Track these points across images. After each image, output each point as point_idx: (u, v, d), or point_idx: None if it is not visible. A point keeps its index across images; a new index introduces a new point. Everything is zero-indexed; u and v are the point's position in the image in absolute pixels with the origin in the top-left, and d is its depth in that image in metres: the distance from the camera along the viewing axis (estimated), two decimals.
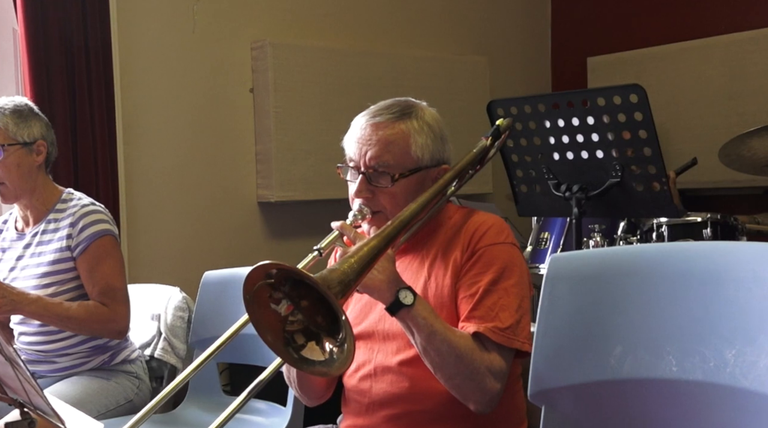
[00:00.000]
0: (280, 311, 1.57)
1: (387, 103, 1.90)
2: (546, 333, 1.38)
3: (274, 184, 3.87)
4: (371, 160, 1.84)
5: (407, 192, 1.85)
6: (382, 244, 1.63)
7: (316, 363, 1.53)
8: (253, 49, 3.90)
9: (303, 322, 1.57)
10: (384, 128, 1.85)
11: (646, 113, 2.42)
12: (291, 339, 1.56)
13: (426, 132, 1.87)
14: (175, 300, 2.75)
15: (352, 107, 3.98)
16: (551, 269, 1.40)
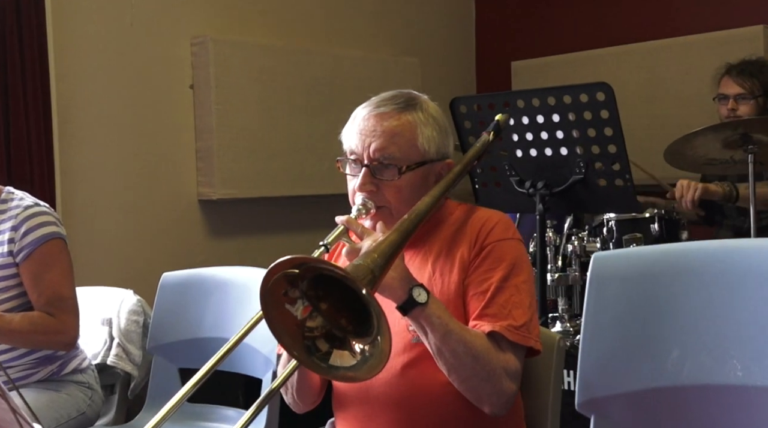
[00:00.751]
0: (296, 314, 1.34)
1: (389, 94, 1.70)
2: (593, 338, 1.20)
3: (216, 182, 3.58)
4: (376, 151, 1.63)
5: (413, 186, 1.65)
6: (402, 239, 1.44)
7: (347, 368, 1.32)
8: (193, 45, 3.59)
9: (324, 327, 1.35)
10: (389, 119, 1.65)
11: (612, 111, 2.29)
12: (313, 347, 1.34)
13: (432, 124, 1.68)
14: (129, 303, 2.45)
15: (293, 105, 3.81)
16: (596, 268, 1.22)
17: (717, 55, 3.43)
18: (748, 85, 3.06)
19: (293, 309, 1.34)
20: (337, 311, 1.37)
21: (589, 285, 1.22)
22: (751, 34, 3.80)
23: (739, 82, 3.08)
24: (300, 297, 1.34)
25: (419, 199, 1.57)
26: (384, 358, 1.26)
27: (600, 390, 1.21)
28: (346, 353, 1.33)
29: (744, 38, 3.80)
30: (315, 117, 3.88)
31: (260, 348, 2.10)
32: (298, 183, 3.82)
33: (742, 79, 3.08)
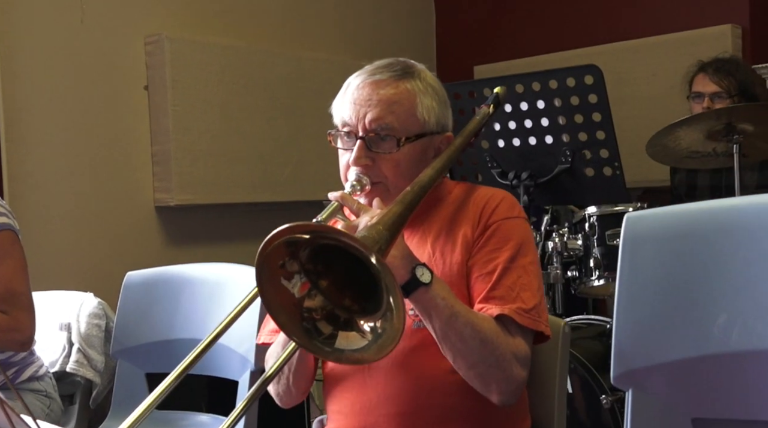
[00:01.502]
0: (293, 291, 1.23)
1: (385, 62, 1.60)
2: (629, 305, 1.11)
3: (174, 187, 3.42)
4: (372, 122, 1.53)
5: (412, 160, 1.55)
6: (406, 212, 1.34)
7: (354, 350, 1.21)
8: (148, 44, 3.45)
9: (325, 308, 1.24)
10: (386, 86, 1.55)
11: (601, 95, 2.24)
12: (314, 330, 1.22)
13: (431, 94, 1.59)
14: (90, 306, 2.29)
15: (254, 107, 3.69)
16: (629, 230, 1.13)
17: (685, 55, 3.43)
18: (725, 83, 3.03)
19: (290, 285, 1.23)
20: (339, 289, 1.26)
21: (623, 248, 1.14)
22: (718, 33, 3.82)
23: (716, 80, 3.05)
24: (298, 272, 1.23)
25: (418, 174, 1.47)
26: (397, 336, 1.16)
27: (637, 361, 1.12)
28: (353, 334, 1.22)
29: (712, 37, 3.81)
30: (277, 120, 3.77)
31: (236, 348, 1.97)
32: (259, 189, 3.69)
33: (719, 78, 3.05)
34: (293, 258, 1.21)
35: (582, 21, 4.21)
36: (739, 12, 3.89)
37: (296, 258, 1.21)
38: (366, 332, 1.20)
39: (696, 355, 1.08)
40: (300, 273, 1.23)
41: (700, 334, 1.08)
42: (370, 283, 1.21)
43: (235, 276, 2.07)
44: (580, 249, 2.75)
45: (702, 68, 3.11)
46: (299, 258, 1.22)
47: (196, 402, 2.30)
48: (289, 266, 1.22)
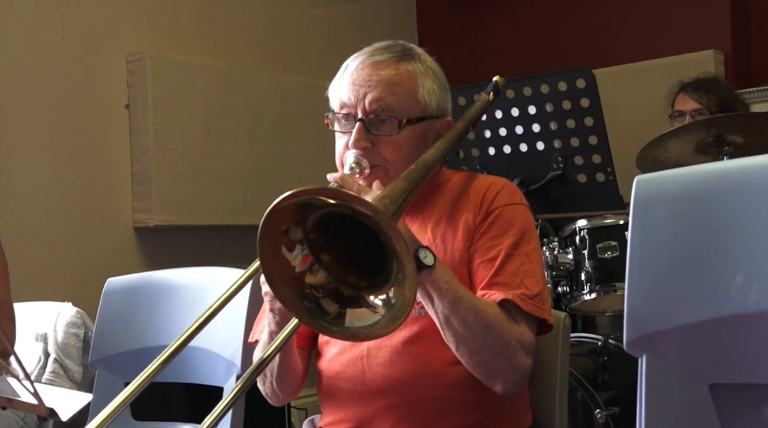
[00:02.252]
0: (294, 263, 1.19)
1: (384, 44, 1.59)
2: (641, 267, 1.08)
3: (154, 207, 3.37)
4: (372, 103, 1.50)
5: (412, 143, 1.53)
6: (411, 187, 1.31)
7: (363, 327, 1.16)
8: (129, 62, 3.42)
9: (328, 285, 1.20)
10: (386, 67, 1.53)
11: (593, 99, 2.24)
12: (318, 310, 1.18)
13: (432, 77, 1.57)
14: (67, 315, 2.22)
15: (237, 129, 3.66)
16: (640, 192, 1.11)
17: (668, 81, 3.44)
18: (705, 100, 3.08)
19: (291, 255, 1.19)
20: (343, 265, 1.22)
21: (633, 210, 1.11)
22: (701, 59, 3.86)
23: (696, 98, 3.10)
24: (300, 242, 1.19)
25: (417, 158, 1.45)
26: (408, 306, 1.12)
27: (651, 324, 1.08)
28: (363, 311, 1.18)
29: (695, 63, 3.85)
30: (259, 142, 3.74)
31: (221, 352, 1.91)
32: (241, 211, 3.64)
33: (699, 95, 3.10)
34: (298, 226, 1.17)
35: (565, 47, 4.25)
36: (721, 38, 3.95)
37: (301, 226, 1.18)
38: (377, 306, 1.16)
39: (713, 317, 1.05)
40: (302, 243, 1.19)
41: (716, 295, 1.05)
42: (377, 257, 1.17)
43: (219, 279, 2.02)
44: (571, 264, 2.72)
45: (683, 88, 3.16)
46: (304, 227, 1.18)
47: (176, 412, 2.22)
48: (292, 234, 1.18)
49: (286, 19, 4.07)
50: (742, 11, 4.00)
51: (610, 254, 2.67)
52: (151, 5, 3.52)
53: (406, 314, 1.12)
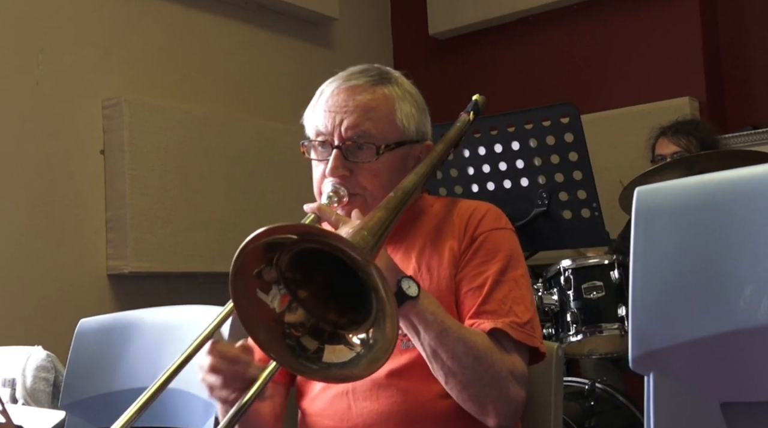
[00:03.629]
0: (273, 305, 1.13)
1: (359, 68, 1.55)
2: (645, 281, 1.03)
3: (129, 254, 3.28)
4: (348, 129, 1.46)
5: (391, 169, 1.48)
6: (390, 217, 1.26)
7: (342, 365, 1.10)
8: (105, 107, 3.37)
9: (308, 321, 1.14)
10: (362, 92, 1.49)
11: (577, 134, 2.22)
12: (299, 347, 1.12)
13: (409, 100, 1.53)
14: (37, 359, 2.13)
15: (214, 174, 3.61)
16: (642, 202, 1.07)
17: (645, 128, 3.46)
18: (684, 142, 3.09)
19: (268, 298, 1.13)
20: (322, 301, 1.16)
21: (635, 222, 1.06)
22: (677, 105, 3.89)
23: (675, 141, 3.12)
24: (276, 282, 1.13)
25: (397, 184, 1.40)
26: (390, 346, 1.06)
27: (658, 341, 1.03)
28: (341, 347, 1.12)
29: (671, 110, 3.87)
30: (237, 188, 3.69)
31: (198, 393, 1.81)
32: (218, 258, 3.56)
33: (678, 138, 3.12)
34: (271, 266, 1.12)
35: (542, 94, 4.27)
36: (695, 85, 4.00)
37: (274, 266, 1.12)
38: (355, 344, 1.10)
39: (722, 331, 1.00)
40: (278, 283, 1.14)
41: (725, 308, 1.00)
42: (356, 293, 1.12)
43: (194, 318, 1.94)
44: (556, 305, 2.67)
45: (663, 132, 3.19)
46: (278, 266, 1.12)
47: None
48: (266, 275, 1.12)
49: (263, 65, 4.06)
50: (714, 59, 4.06)
51: (596, 294, 2.63)
52: (127, 49, 3.49)
53: (387, 354, 1.06)
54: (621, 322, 2.58)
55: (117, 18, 3.47)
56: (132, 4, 3.53)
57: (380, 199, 1.36)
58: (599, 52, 4.19)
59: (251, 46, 4.01)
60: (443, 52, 4.64)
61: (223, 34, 3.88)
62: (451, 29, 4.42)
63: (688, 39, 3.97)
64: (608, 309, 2.61)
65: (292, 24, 4.20)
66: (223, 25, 3.88)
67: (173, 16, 3.67)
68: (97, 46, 3.40)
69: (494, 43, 4.43)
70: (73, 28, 3.32)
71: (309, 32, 4.29)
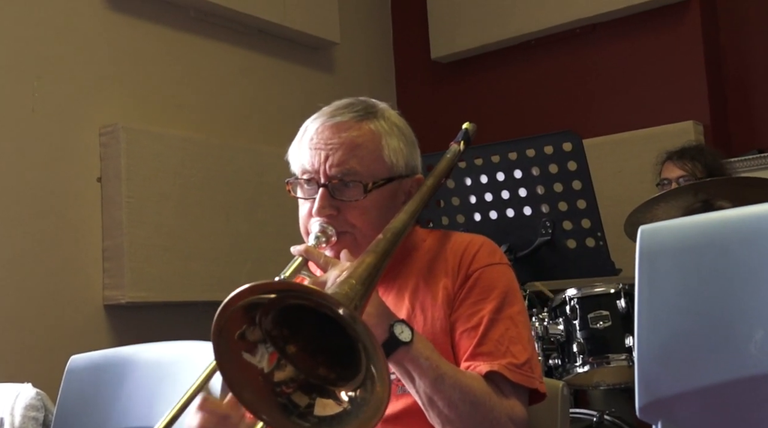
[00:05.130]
0: (261, 365, 1.08)
1: (343, 102, 1.52)
2: (651, 326, 0.99)
3: (126, 283, 3.24)
4: (333, 167, 1.43)
5: (380, 206, 1.44)
6: (380, 262, 1.21)
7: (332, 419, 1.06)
8: (102, 135, 3.35)
9: (297, 377, 1.10)
10: (348, 129, 1.45)
11: (580, 162, 2.18)
12: (291, 405, 1.08)
13: (397, 134, 1.50)
14: (26, 397, 2.07)
15: (212, 201, 3.57)
16: (645, 242, 1.03)
17: (650, 152, 3.44)
18: (690, 167, 3.11)
19: (255, 359, 1.09)
20: (311, 355, 1.12)
21: (639, 263, 1.03)
22: (681, 129, 3.86)
23: (681, 166, 3.12)
24: (262, 341, 1.09)
25: (387, 221, 1.36)
26: (381, 406, 1.01)
27: (665, 388, 0.98)
28: (330, 402, 1.08)
29: (675, 134, 3.84)
30: (236, 216, 3.65)
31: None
32: (217, 287, 3.51)
33: (683, 163, 3.13)
34: (254, 326, 1.07)
35: (545, 117, 4.24)
36: (699, 109, 3.96)
37: (258, 326, 1.08)
38: (344, 401, 1.06)
39: (732, 378, 0.96)
40: (265, 342, 1.09)
41: (734, 354, 0.96)
42: (345, 346, 1.08)
43: (193, 355, 1.90)
44: (562, 335, 2.63)
45: (669, 156, 3.19)
46: (261, 325, 1.08)
47: None
48: (250, 335, 1.08)
49: (264, 90, 4.04)
50: (718, 83, 4.03)
51: (602, 324, 2.58)
52: (125, 76, 3.48)
53: (379, 413, 1.02)
54: (629, 353, 2.53)
55: (114, 44, 3.45)
56: (130, 30, 3.51)
57: (370, 237, 1.33)
58: (602, 76, 4.16)
59: (251, 72, 3.99)
60: (446, 77, 4.62)
61: (222, 60, 3.86)
62: (454, 53, 4.40)
63: (691, 62, 3.94)
64: (615, 340, 2.57)
65: (292, 49, 4.18)
66: (222, 50, 3.87)
67: (171, 42, 3.66)
68: (94, 72, 3.38)
69: (497, 67, 4.41)
70: (70, 55, 3.30)
71: (310, 57, 4.28)
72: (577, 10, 4.02)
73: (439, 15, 4.44)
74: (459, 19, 4.35)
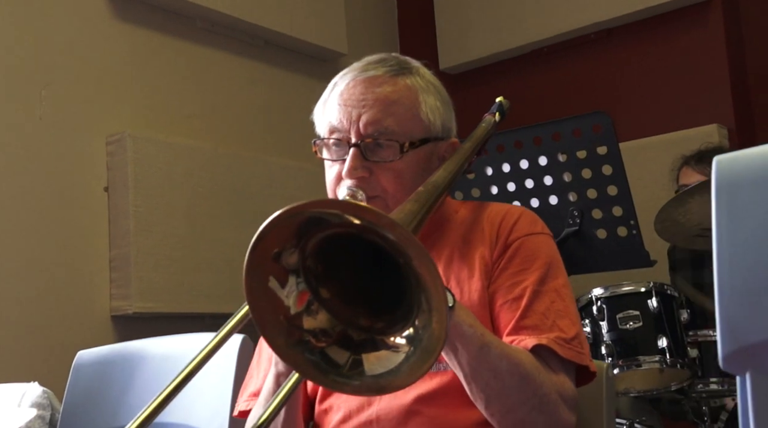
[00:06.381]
0: (288, 301, 0.96)
1: (375, 57, 1.42)
2: (734, 267, 0.87)
3: (133, 294, 3.12)
4: (368, 125, 1.32)
5: (416, 169, 1.34)
6: (422, 211, 1.09)
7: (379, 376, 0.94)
8: (109, 144, 3.26)
9: (333, 329, 0.97)
10: (382, 84, 1.35)
11: (611, 145, 2.07)
12: (325, 363, 0.95)
13: (434, 92, 1.39)
14: (32, 396, 1.95)
15: (220, 212, 3.46)
16: (722, 174, 0.91)
17: (673, 157, 3.32)
18: (709, 170, 2.94)
19: (283, 292, 0.97)
20: (349, 304, 1.00)
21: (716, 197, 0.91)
22: (705, 133, 3.74)
23: (699, 170, 3.02)
24: (295, 273, 0.97)
25: None
26: (437, 345, 0.89)
27: (753, 334, 0.86)
28: (383, 353, 0.95)
29: (699, 137, 3.71)
30: (245, 227, 3.51)
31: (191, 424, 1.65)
32: (225, 299, 3.40)
33: (702, 167, 3.03)
34: (294, 249, 0.96)
35: None
36: (724, 113, 3.85)
37: (299, 250, 0.96)
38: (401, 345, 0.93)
39: None
40: (297, 273, 0.97)
41: None
42: (388, 292, 0.96)
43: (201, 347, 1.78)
44: (589, 337, 2.50)
45: (686, 162, 3.09)
46: (302, 251, 0.96)
47: None
48: (286, 258, 0.96)
49: (272, 101, 3.95)
50: (742, 85, 3.92)
51: (632, 324, 2.45)
52: (132, 84, 3.39)
53: (435, 355, 0.90)
54: (662, 355, 2.40)
55: (121, 54, 3.38)
56: (137, 38, 3.44)
57: (402, 203, 1.21)
58: (620, 82, 4.06)
59: (259, 83, 3.91)
60: (455, 87, 4.49)
61: (230, 70, 3.79)
62: (463, 63, 4.31)
63: (714, 64, 3.82)
64: (646, 341, 2.44)
65: (300, 60, 4.10)
66: (230, 61, 3.79)
67: (179, 51, 3.58)
68: (101, 81, 3.30)
69: (508, 75, 4.32)
70: (77, 64, 3.23)
71: (317, 68, 4.19)
72: (591, 14, 3.93)
73: (446, 25, 4.35)
74: (467, 28, 4.27)
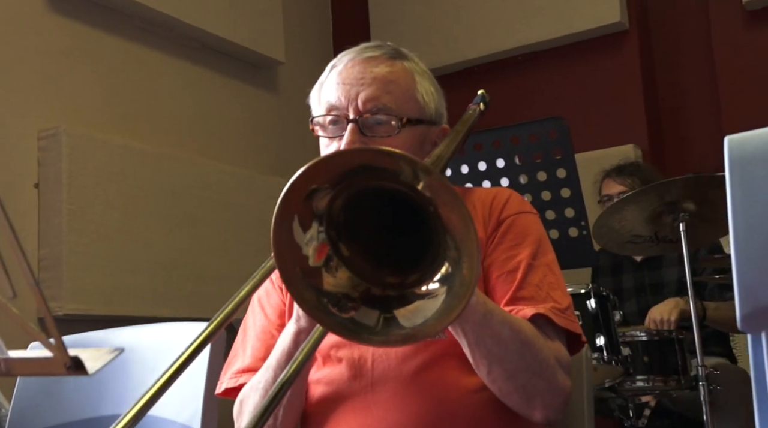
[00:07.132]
0: (306, 250, 0.95)
1: (371, 43, 1.45)
2: (748, 232, 0.92)
3: (64, 295, 2.99)
4: (366, 102, 1.34)
5: (411, 147, 1.37)
6: None
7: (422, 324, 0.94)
8: (41, 139, 3.13)
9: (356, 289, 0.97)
10: (380, 64, 1.38)
11: (566, 150, 2.14)
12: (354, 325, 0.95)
13: (428, 78, 1.42)
14: None
15: (156, 213, 3.38)
16: (735, 151, 0.96)
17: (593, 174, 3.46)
18: (629, 181, 3.23)
19: (304, 238, 0.96)
20: (372, 262, 1.00)
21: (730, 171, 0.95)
22: (622, 152, 3.89)
23: (620, 181, 3.25)
24: (318, 218, 0.96)
25: None
26: (468, 292, 0.91)
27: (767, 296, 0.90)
28: (418, 304, 0.95)
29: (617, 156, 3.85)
30: (180, 229, 3.46)
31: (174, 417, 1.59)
32: (160, 302, 3.31)
33: (622, 178, 3.25)
34: (326, 195, 0.95)
35: None
36: (638, 133, 4.04)
37: (332, 196, 0.96)
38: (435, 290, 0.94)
39: None
40: (320, 219, 0.96)
41: None
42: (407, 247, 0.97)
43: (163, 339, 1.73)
44: None
45: (607, 174, 3.30)
46: (334, 196, 0.96)
47: None
48: (317, 201, 0.95)
49: (207, 105, 3.89)
50: (654, 109, 4.12)
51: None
52: (67, 79, 3.28)
53: (465, 301, 0.91)
54: (600, 352, 2.47)
55: (56, 47, 3.26)
56: (73, 33, 3.33)
57: None
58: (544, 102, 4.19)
59: (196, 85, 3.84)
60: None
61: (167, 71, 3.71)
62: None
63: (630, 89, 4.03)
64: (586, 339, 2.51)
65: (236, 65, 4.06)
66: (167, 62, 3.71)
67: (117, 49, 3.49)
68: (34, 74, 3.17)
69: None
70: (8, 55, 3.09)
71: (254, 75, 4.16)
72: (519, 37, 4.06)
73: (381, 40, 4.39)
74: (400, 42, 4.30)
